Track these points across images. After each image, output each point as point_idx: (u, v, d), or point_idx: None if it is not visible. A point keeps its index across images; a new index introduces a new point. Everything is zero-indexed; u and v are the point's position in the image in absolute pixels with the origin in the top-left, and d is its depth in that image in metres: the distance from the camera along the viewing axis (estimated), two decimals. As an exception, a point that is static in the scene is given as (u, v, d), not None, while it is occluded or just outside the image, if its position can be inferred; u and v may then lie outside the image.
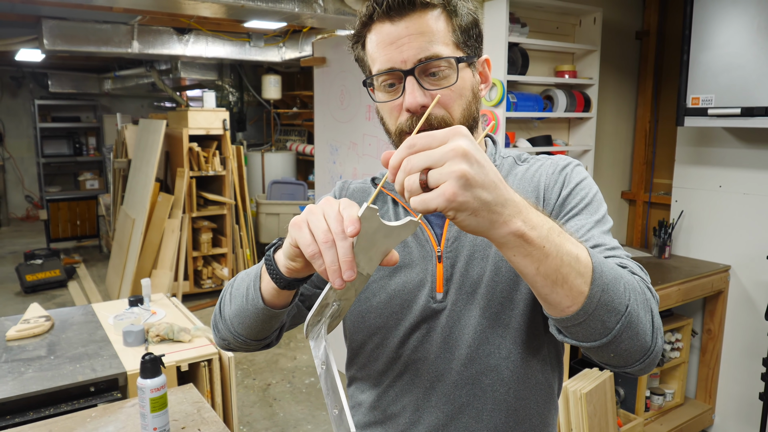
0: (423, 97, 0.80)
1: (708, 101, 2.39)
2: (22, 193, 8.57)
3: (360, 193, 1.00)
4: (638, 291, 0.69)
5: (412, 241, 0.91)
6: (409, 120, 0.82)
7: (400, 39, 0.79)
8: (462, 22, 0.83)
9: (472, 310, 0.87)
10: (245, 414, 3.11)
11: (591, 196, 0.86)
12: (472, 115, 0.85)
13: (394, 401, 0.92)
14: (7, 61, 7.13)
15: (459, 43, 0.83)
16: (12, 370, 1.63)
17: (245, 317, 0.82)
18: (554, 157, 0.93)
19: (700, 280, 2.60)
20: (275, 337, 0.92)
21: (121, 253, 4.80)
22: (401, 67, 0.80)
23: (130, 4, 2.57)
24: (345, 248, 0.61)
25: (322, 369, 0.70)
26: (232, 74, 6.80)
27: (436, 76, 0.81)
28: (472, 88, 0.85)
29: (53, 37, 4.33)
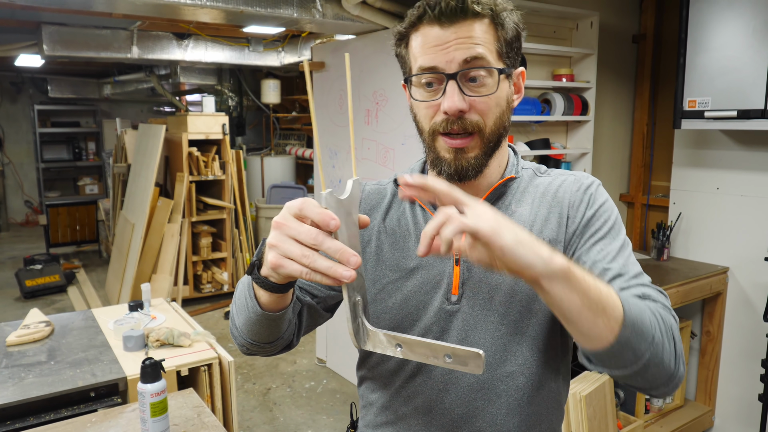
0: (462, 102, 0.82)
1: (704, 104, 2.40)
2: (22, 199, 8.57)
3: (375, 195, 1.01)
4: (661, 319, 0.75)
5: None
6: (444, 122, 0.85)
7: (448, 42, 0.82)
8: (507, 34, 0.85)
9: (490, 316, 0.88)
10: (245, 419, 3.11)
11: (613, 219, 0.89)
12: (503, 125, 0.88)
13: (406, 402, 0.93)
14: (7, 67, 7.15)
15: (502, 54, 0.85)
16: (12, 376, 1.64)
17: (251, 324, 0.84)
18: (576, 174, 0.95)
19: (699, 282, 2.61)
20: (292, 338, 0.93)
21: (120, 258, 4.81)
22: (445, 68, 0.82)
23: (130, 10, 2.58)
24: (335, 244, 0.63)
25: (399, 349, 0.69)
26: (231, 79, 6.82)
27: (477, 83, 0.83)
28: (507, 99, 0.88)
29: (53, 43, 4.34)
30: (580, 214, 0.89)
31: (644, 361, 0.71)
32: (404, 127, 2.84)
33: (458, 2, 0.81)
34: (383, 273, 0.95)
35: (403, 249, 0.94)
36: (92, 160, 8.55)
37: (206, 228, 4.93)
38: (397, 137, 2.91)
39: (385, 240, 0.96)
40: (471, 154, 0.86)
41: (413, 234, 0.93)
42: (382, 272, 0.95)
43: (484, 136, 0.85)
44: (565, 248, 0.89)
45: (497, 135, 0.87)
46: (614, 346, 0.69)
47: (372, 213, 0.99)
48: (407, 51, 0.88)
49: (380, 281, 0.95)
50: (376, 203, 0.99)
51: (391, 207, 0.98)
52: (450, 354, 0.65)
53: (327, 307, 1.00)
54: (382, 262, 0.95)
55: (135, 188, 4.94)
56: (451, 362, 0.65)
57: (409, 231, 0.94)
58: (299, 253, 0.64)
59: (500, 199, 0.93)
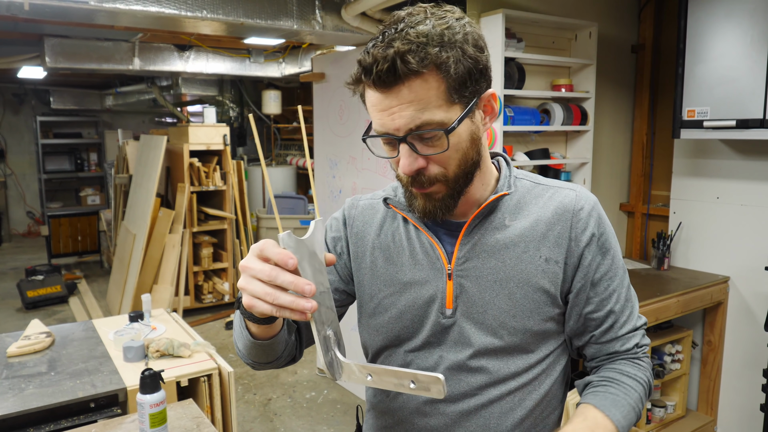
0: (416, 163, 0.82)
1: (703, 113, 2.41)
2: (24, 209, 8.59)
3: (369, 210, 1.02)
4: (642, 398, 0.91)
5: (423, 259, 0.93)
6: (407, 179, 0.85)
7: (391, 108, 0.79)
8: (456, 77, 0.78)
9: (484, 330, 0.90)
10: (246, 429, 3.09)
11: (612, 255, 0.93)
12: (470, 161, 0.86)
13: (402, 407, 0.96)
14: (10, 79, 7.20)
15: (453, 100, 0.80)
16: (12, 387, 1.64)
17: (248, 350, 0.90)
18: (577, 189, 0.94)
19: (700, 292, 2.60)
20: (294, 353, 0.99)
21: (122, 269, 4.81)
22: (395, 133, 0.81)
23: (131, 22, 2.60)
24: (289, 276, 0.68)
25: (369, 378, 0.74)
26: (232, 90, 6.86)
27: (431, 140, 0.81)
28: (470, 136, 0.84)
29: (55, 55, 4.37)
30: (584, 241, 0.91)
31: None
32: (404, 138, 2.85)
33: (389, 69, 0.76)
34: (378, 288, 0.97)
35: (396, 264, 0.95)
36: (94, 170, 8.58)
37: (207, 238, 4.94)
38: (397, 147, 2.92)
39: (379, 255, 0.97)
40: (438, 196, 0.87)
41: (407, 249, 0.95)
42: (378, 287, 0.97)
43: (448, 182, 0.85)
44: (564, 272, 0.91)
45: (464, 174, 0.86)
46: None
47: (366, 228, 1.00)
48: (366, 104, 0.85)
49: (376, 296, 0.97)
50: (370, 219, 1.01)
51: (384, 222, 0.99)
52: (413, 380, 0.70)
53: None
54: (377, 277, 0.97)
55: (136, 199, 4.95)
56: (415, 388, 0.70)
57: (403, 246, 0.95)
58: (263, 292, 0.69)
59: (492, 214, 0.92)
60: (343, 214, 1.04)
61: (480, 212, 0.91)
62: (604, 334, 0.93)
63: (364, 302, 0.99)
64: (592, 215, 0.91)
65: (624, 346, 0.93)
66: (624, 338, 0.93)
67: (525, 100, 2.70)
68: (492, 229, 0.91)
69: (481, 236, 0.91)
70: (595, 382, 0.93)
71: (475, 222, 0.91)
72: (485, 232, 0.91)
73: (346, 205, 1.06)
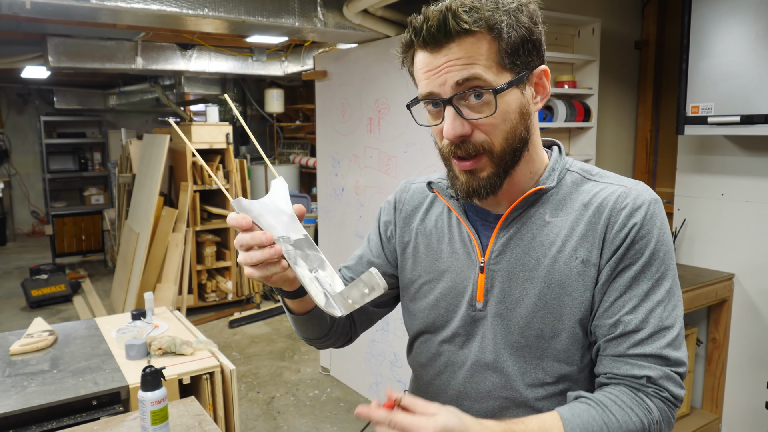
0: (461, 128, 0.79)
1: (708, 109, 2.39)
2: (28, 209, 8.63)
3: (419, 194, 1.03)
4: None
5: (460, 248, 0.93)
6: (450, 146, 0.82)
7: (439, 67, 0.78)
8: (509, 42, 0.77)
9: (511, 328, 0.88)
10: (249, 427, 3.09)
11: (648, 254, 0.81)
12: (518, 137, 0.82)
13: (434, 397, 0.97)
14: (13, 79, 7.22)
15: (504, 65, 0.78)
16: (15, 384, 1.64)
17: (295, 325, 0.98)
18: (630, 186, 0.85)
19: (704, 289, 2.59)
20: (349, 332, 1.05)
21: (125, 268, 4.82)
22: (440, 93, 0.79)
23: (134, 21, 2.61)
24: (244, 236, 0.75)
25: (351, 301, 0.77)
26: (235, 88, 6.86)
27: (478, 101, 0.78)
28: (520, 109, 0.81)
29: (58, 54, 4.38)
30: (618, 242, 0.82)
31: None
32: (406, 135, 2.85)
33: (440, 26, 0.76)
34: (419, 273, 0.98)
35: (436, 251, 0.96)
36: (98, 170, 8.61)
37: (210, 237, 4.94)
38: (399, 145, 2.92)
39: (421, 241, 0.98)
40: (482, 174, 0.82)
41: (446, 237, 0.95)
42: (418, 272, 0.98)
43: (494, 155, 0.81)
44: (598, 275, 0.83)
45: (511, 150, 0.82)
46: None
47: (414, 213, 1.02)
48: (414, 69, 0.85)
49: (417, 281, 0.98)
50: (419, 203, 1.02)
51: (431, 208, 1.00)
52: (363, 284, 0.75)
53: (378, 304, 1.06)
54: (419, 262, 0.98)
55: (140, 198, 4.96)
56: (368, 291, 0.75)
57: (443, 234, 0.96)
58: (243, 260, 0.76)
59: (533, 207, 0.87)
60: (394, 197, 1.06)
61: (519, 204, 0.86)
62: (610, 345, 0.82)
63: (405, 286, 1.01)
64: (635, 216, 0.81)
65: (631, 372, 0.79)
66: (635, 361, 0.79)
67: (528, 96, 2.68)
68: (530, 223, 0.87)
69: (518, 230, 0.87)
70: (583, 399, 0.81)
71: (513, 214, 0.88)
72: (522, 226, 0.87)
73: (398, 188, 1.07)
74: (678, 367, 0.80)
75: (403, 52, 0.84)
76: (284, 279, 0.82)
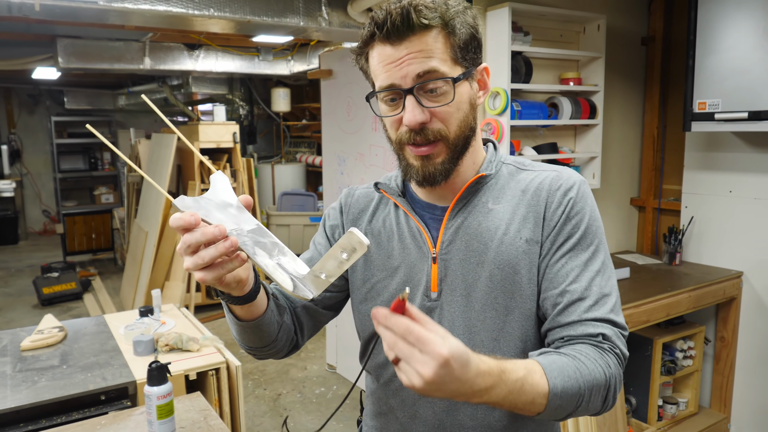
0: (421, 115, 0.84)
1: (715, 106, 2.38)
2: (40, 208, 8.72)
3: (364, 198, 1.05)
4: (594, 385, 0.78)
5: (411, 243, 0.95)
6: (408, 134, 0.86)
7: (400, 59, 0.83)
8: (460, 39, 0.85)
9: (468, 312, 0.90)
10: (256, 424, 3.12)
11: (585, 227, 0.88)
12: (469, 125, 0.89)
13: (394, 395, 0.97)
14: (25, 80, 7.30)
15: (457, 59, 0.86)
16: (26, 380, 1.67)
17: (239, 334, 0.91)
18: (560, 170, 0.94)
19: (712, 287, 2.58)
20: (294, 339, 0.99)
21: (134, 266, 4.86)
22: (401, 84, 0.84)
23: (142, 22, 2.63)
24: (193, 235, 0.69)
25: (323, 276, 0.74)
26: (242, 88, 6.90)
27: (435, 93, 0.84)
28: (470, 100, 0.89)
29: (68, 55, 4.43)
30: (556, 218, 0.89)
31: (566, 418, 0.80)
32: (412, 133, 2.85)
33: (404, 20, 0.81)
34: (371, 273, 0.99)
35: (387, 249, 0.98)
36: (108, 169, 8.68)
37: (218, 235, 4.97)
38: (405, 143, 2.92)
39: (371, 241, 0.99)
40: (438, 160, 0.88)
41: (396, 235, 0.97)
42: (371, 272, 0.99)
43: (448, 141, 0.87)
44: (541, 250, 0.90)
45: (463, 138, 0.89)
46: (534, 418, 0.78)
47: (360, 216, 1.03)
48: (368, 66, 0.90)
49: (370, 281, 0.99)
50: (364, 207, 1.03)
51: (377, 211, 1.02)
52: (342, 250, 0.70)
53: (327, 307, 1.04)
54: (370, 262, 0.99)
55: (148, 197, 5.00)
56: (347, 257, 0.71)
57: (393, 233, 0.98)
58: (193, 263, 0.70)
59: (475, 197, 0.93)
60: (339, 202, 1.08)
61: (462, 195, 0.92)
62: (561, 316, 0.85)
63: (357, 287, 1.01)
64: (569, 194, 0.89)
65: (587, 331, 0.83)
66: (588, 323, 0.84)
67: (532, 94, 2.68)
68: (476, 212, 0.92)
69: (465, 219, 0.92)
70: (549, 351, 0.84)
71: (459, 205, 0.93)
72: (468, 215, 0.92)
73: (342, 194, 1.09)
74: (624, 330, 0.86)
75: (362, 47, 0.88)
76: (237, 279, 0.77)
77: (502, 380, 0.69)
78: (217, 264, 0.71)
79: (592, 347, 0.82)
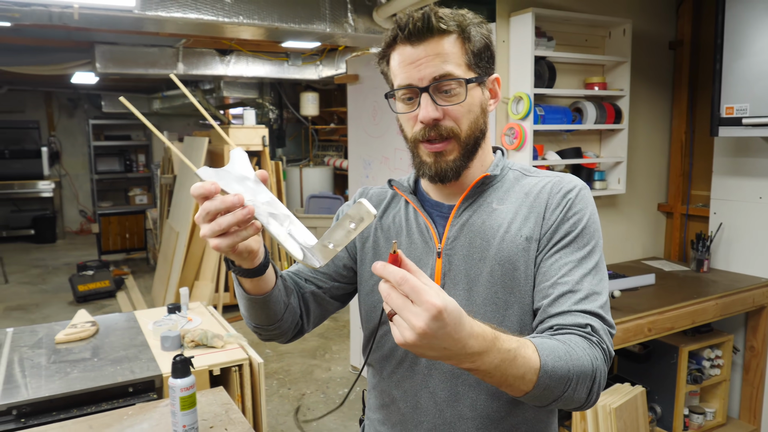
0: (435, 112, 0.90)
1: (742, 110, 2.34)
2: (77, 208, 9.01)
3: (377, 197, 1.10)
4: (582, 373, 0.79)
5: (418, 238, 0.99)
6: (422, 130, 0.92)
7: (419, 59, 0.89)
8: (474, 46, 0.91)
9: (470, 306, 0.93)
10: (280, 422, 3.17)
11: (582, 227, 0.91)
12: (479, 128, 0.95)
13: (397, 386, 1.00)
14: (64, 84, 7.57)
15: (471, 65, 0.91)
16: (59, 371, 1.75)
17: (247, 309, 0.95)
18: (563, 176, 0.98)
19: (740, 295, 2.53)
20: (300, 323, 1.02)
21: (166, 265, 4.99)
22: (418, 84, 0.90)
23: (176, 29, 2.72)
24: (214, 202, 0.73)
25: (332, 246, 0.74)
26: (272, 92, 7.01)
27: (448, 94, 0.90)
28: (481, 105, 0.94)
29: (105, 61, 4.59)
30: (554, 217, 0.92)
31: (551, 406, 0.80)
32: (436, 137, 2.87)
33: (424, 22, 0.88)
34: None
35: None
36: (142, 171, 8.92)
37: (246, 237, 5.06)
38: (428, 147, 2.95)
39: (380, 236, 1.04)
40: (450, 157, 0.93)
41: (404, 230, 1.02)
42: None
43: (460, 140, 0.93)
44: (538, 246, 0.93)
45: (474, 138, 0.94)
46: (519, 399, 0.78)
47: None
48: (389, 68, 0.96)
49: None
50: (377, 204, 1.08)
51: (389, 207, 1.07)
52: (349, 221, 0.71)
53: (334, 296, 1.08)
54: (379, 256, 1.03)
55: (180, 198, 5.13)
56: (354, 227, 0.71)
57: (401, 228, 1.02)
58: (210, 229, 0.73)
59: (481, 197, 0.98)
60: (354, 200, 1.12)
61: (469, 194, 0.97)
62: (552, 306, 0.87)
63: (364, 280, 1.05)
64: (568, 195, 0.93)
65: (576, 321, 0.84)
66: (578, 314, 0.85)
67: (556, 98, 2.68)
68: (480, 211, 0.97)
69: (470, 217, 0.97)
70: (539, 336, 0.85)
71: (465, 204, 0.98)
72: (473, 214, 0.97)
73: (357, 192, 1.15)
74: (612, 329, 0.88)
75: (385, 49, 0.94)
76: (248, 250, 0.81)
77: (495, 347, 0.70)
78: (233, 232, 0.74)
79: (580, 338, 0.83)
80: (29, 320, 4.88)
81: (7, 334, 2.06)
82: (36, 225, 8.18)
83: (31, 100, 8.47)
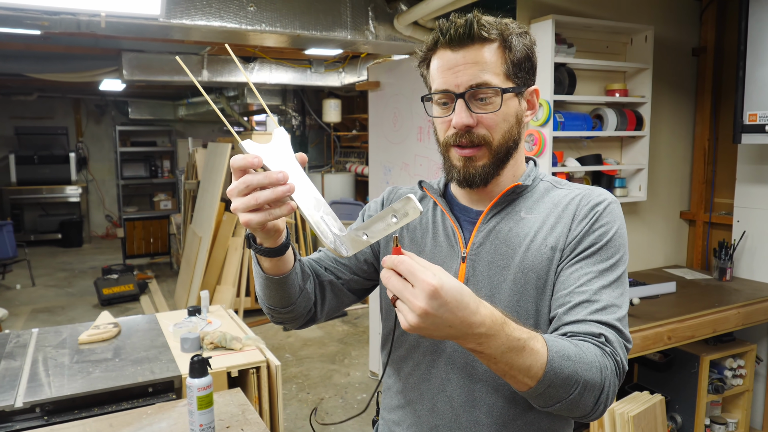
0: (468, 119, 0.91)
1: (766, 118, 2.30)
2: (103, 213, 9.21)
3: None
4: (590, 379, 0.78)
5: (444, 241, 1.00)
6: (454, 135, 0.93)
7: (458, 66, 0.90)
8: (515, 56, 0.92)
9: None
10: (298, 426, 3.19)
11: (606, 240, 0.90)
12: (512, 138, 0.95)
13: (414, 388, 1.00)
14: (92, 91, 7.77)
15: (509, 75, 0.92)
16: (82, 370, 1.79)
17: (263, 289, 0.95)
18: (593, 189, 0.98)
19: (763, 304, 2.48)
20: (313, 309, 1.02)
21: (188, 269, 5.07)
22: (454, 90, 0.91)
23: (201, 37, 2.78)
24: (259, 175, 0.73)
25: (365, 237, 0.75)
26: (294, 99, 7.09)
27: (484, 102, 0.91)
28: (516, 115, 0.94)
29: (132, 68, 4.70)
30: (579, 228, 0.92)
31: (553, 409, 0.79)
32: (454, 144, 2.88)
33: (466, 29, 0.89)
34: None
35: (420, 244, 1.03)
36: (167, 177, 9.09)
37: (267, 242, 5.11)
38: (447, 153, 2.95)
39: (406, 236, 1.05)
40: (479, 163, 0.94)
41: (431, 232, 1.02)
42: None
43: (491, 148, 0.93)
44: (562, 255, 0.92)
45: (506, 147, 0.94)
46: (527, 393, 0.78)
47: None
48: (428, 72, 0.97)
49: None
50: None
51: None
52: (393, 214, 0.71)
53: (352, 289, 1.09)
54: None
55: (203, 203, 5.21)
56: (397, 220, 0.71)
57: (428, 228, 1.03)
58: (245, 203, 0.74)
59: (510, 205, 0.98)
60: (382, 197, 1.15)
61: (498, 201, 0.97)
62: (569, 314, 0.86)
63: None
64: (596, 207, 0.93)
65: (590, 329, 0.83)
66: (593, 323, 0.84)
67: (576, 105, 2.67)
68: (508, 219, 0.97)
69: (497, 224, 0.97)
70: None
71: (493, 211, 0.98)
72: (501, 221, 0.97)
73: (386, 190, 1.16)
74: (628, 343, 0.86)
75: (426, 52, 0.96)
76: (275, 228, 0.82)
77: (504, 332, 0.71)
78: (266, 209, 0.75)
79: (593, 346, 0.81)
80: (55, 322, 4.99)
81: (33, 335, 2.12)
82: (63, 229, 8.37)
83: (60, 107, 8.70)
